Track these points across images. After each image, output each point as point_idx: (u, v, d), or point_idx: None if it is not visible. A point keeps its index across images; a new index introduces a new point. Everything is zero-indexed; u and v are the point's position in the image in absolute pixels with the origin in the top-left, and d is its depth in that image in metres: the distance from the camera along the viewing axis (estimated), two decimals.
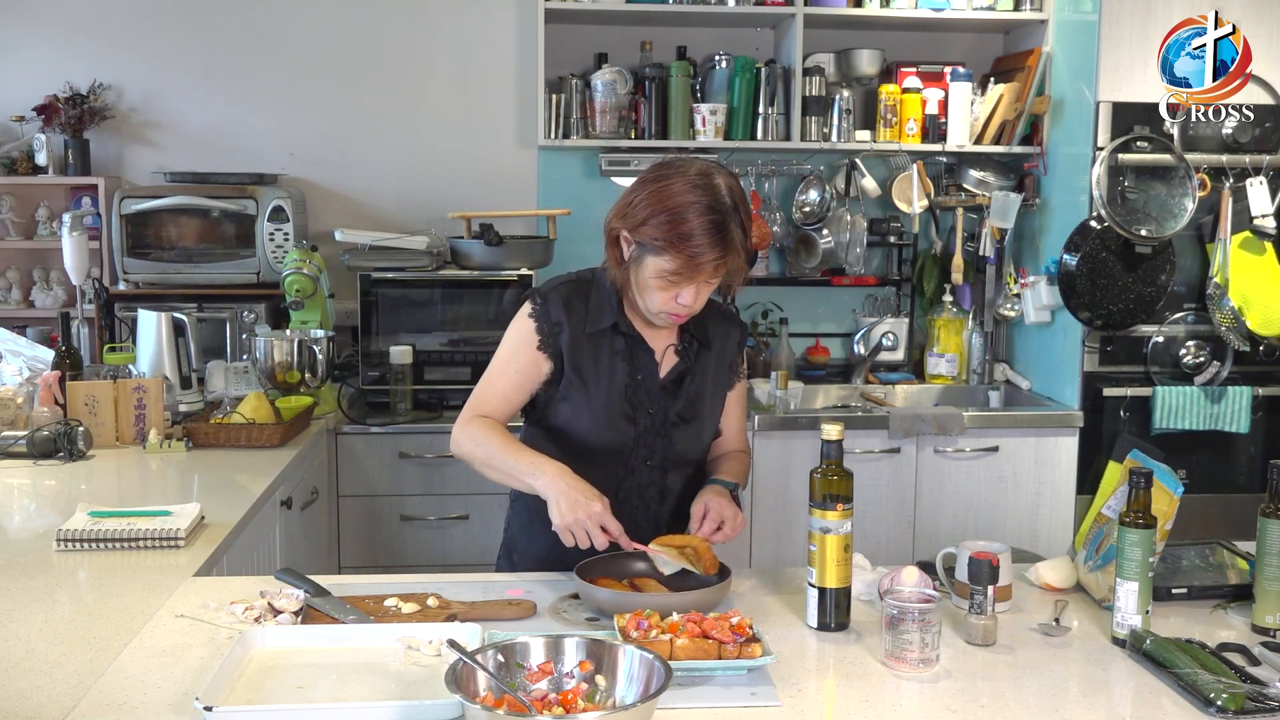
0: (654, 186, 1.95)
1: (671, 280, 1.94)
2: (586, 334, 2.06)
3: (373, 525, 3.51)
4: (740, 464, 2.21)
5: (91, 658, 1.65)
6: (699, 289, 1.97)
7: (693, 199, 1.91)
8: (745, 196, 1.99)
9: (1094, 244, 3.57)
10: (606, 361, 2.07)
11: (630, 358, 2.08)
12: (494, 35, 4.08)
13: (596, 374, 2.07)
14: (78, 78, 3.92)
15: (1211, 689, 1.52)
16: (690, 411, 2.12)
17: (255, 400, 3.09)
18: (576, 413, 2.08)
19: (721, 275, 1.98)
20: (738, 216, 1.93)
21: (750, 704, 1.53)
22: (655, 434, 2.09)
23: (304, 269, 3.45)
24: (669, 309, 1.99)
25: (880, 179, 4.01)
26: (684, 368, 2.12)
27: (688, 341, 2.13)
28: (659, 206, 1.92)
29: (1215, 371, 3.65)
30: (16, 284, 4.00)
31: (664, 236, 1.91)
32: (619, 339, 2.08)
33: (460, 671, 1.39)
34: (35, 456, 2.81)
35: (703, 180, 1.93)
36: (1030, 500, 3.66)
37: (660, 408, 2.09)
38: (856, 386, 4.03)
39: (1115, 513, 1.85)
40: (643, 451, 2.09)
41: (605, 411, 2.06)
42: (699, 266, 1.92)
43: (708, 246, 1.90)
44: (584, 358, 2.06)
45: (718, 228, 1.90)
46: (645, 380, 2.09)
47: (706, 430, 2.16)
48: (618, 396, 2.07)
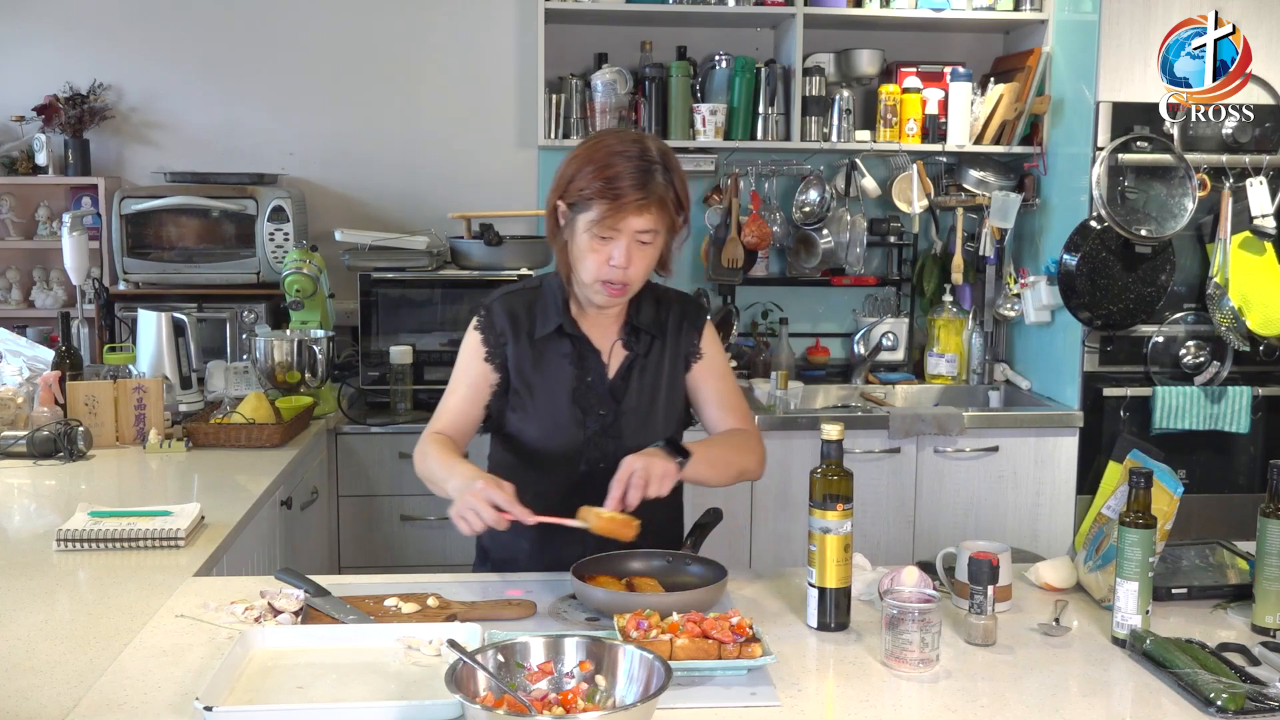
0: (584, 146, 2.02)
1: (600, 233, 1.95)
2: (533, 340, 2.08)
3: (373, 525, 3.51)
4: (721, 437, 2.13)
5: (91, 658, 1.65)
6: (629, 247, 1.96)
7: (621, 148, 1.97)
8: (678, 163, 2.02)
9: (1094, 244, 3.57)
10: (554, 367, 2.08)
11: (578, 360, 2.09)
12: (494, 35, 4.08)
13: (545, 380, 2.08)
14: (78, 78, 3.92)
15: (1211, 689, 1.52)
16: (642, 407, 2.10)
17: (255, 400, 3.09)
18: (527, 420, 2.09)
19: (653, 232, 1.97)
20: (667, 172, 1.97)
21: (750, 704, 1.52)
22: (606, 434, 2.08)
23: (304, 269, 3.45)
24: (603, 275, 1.98)
25: (880, 179, 4.02)
26: (632, 360, 2.11)
27: (632, 333, 2.12)
28: (587, 159, 1.98)
29: (1215, 371, 3.65)
30: (16, 284, 4.00)
31: (590, 185, 1.95)
32: (565, 342, 2.09)
33: (460, 671, 1.39)
34: (35, 456, 2.81)
35: (633, 136, 2.01)
36: (1030, 500, 3.66)
37: (610, 408, 2.09)
38: (856, 386, 4.03)
39: (1115, 513, 1.85)
40: (595, 454, 2.08)
41: (555, 416, 2.08)
42: (623, 206, 1.93)
43: (631, 187, 1.93)
44: (531, 365, 2.08)
45: (642, 172, 1.94)
46: (594, 382, 2.09)
47: (662, 424, 2.13)
48: (567, 400, 2.08)
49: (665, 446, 1.95)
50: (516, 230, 3.94)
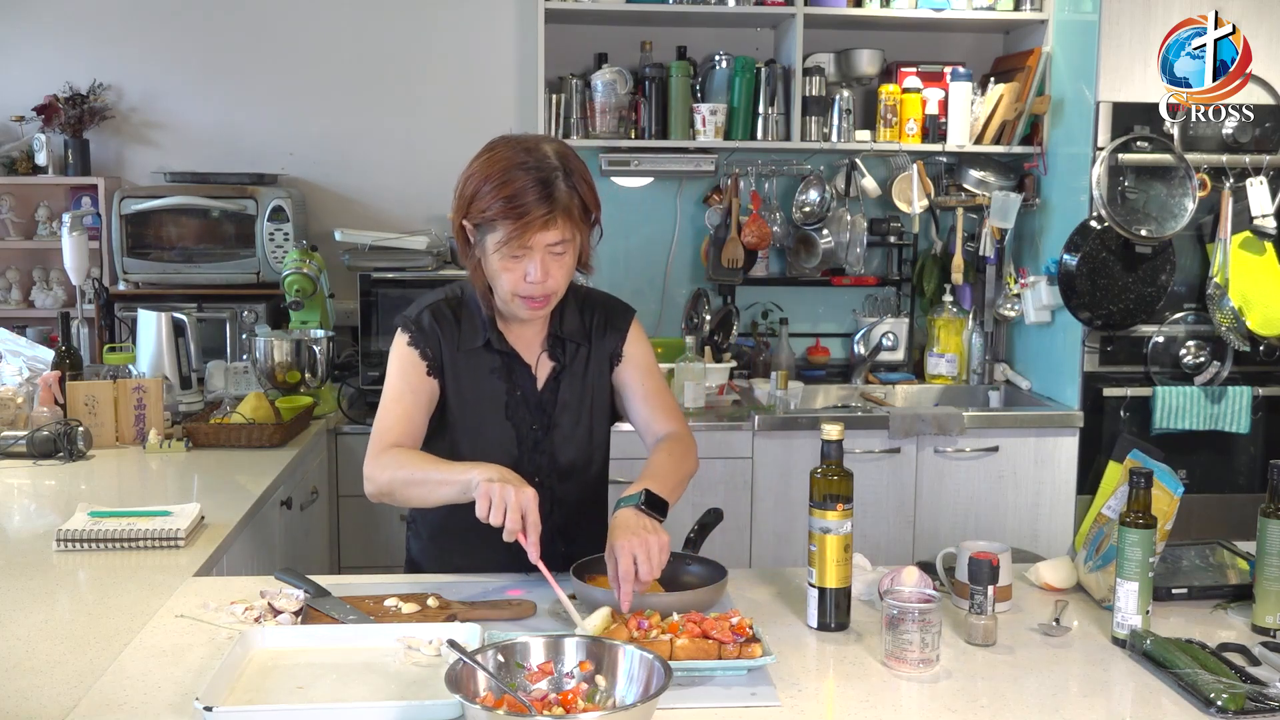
0: (480, 160, 1.93)
1: (511, 253, 1.90)
2: (462, 353, 2.03)
3: (373, 525, 3.51)
4: (663, 453, 2.01)
5: (91, 658, 1.65)
6: (543, 261, 1.90)
7: (518, 160, 1.88)
8: (582, 164, 1.93)
9: (1094, 244, 3.57)
10: (485, 380, 2.04)
11: (506, 374, 2.05)
12: (494, 35, 4.08)
13: (476, 394, 2.04)
14: (78, 78, 3.92)
15: (1211, 689, 1.52)
16: (571, 417, 2.07)
17: (255, 400, 3.09)
18: (460, 434, 2.05)
19: (564, 243, 1.90)
20: (569, 177, 1.89)
21: (750, 704, 1.52)
22: (538, 450, 2.06)
23: (304, 269, 3.45)
24: (520, 291, 1.93)
25: (880, 179, 4.01)
26: (559, 370, 2.07)
27: (556, 343, 2.07)
28: (484, 177, 1.89)
29: (1215, 371, 3.65)
30: (16, 284, 4.00)
31: (492, 205, 1.87)
32: (494, 356, 2.04)
33: (460, 671, 1.39)
34: (35, 456, 2.81)
35: (529, 144, 1.91)
36: (1030, 500, 3.66)
37: (541, 421, 2.06)
38: (856, 386, 4.03)
39: (1115, 513, 1.85)
40: (528, 466, 2.04)
41: (486, 431, 2.04)
42: (528, 224, 1.86)
43: (534, 203, 1.85)
44: (462, 379, 2.04)
45: (544, 184, 1.86)
46: (525, 395, 2.05)
47: (595, 431, 2.10)
48: (497, 414, 2.04)
49: (643, 506, 1.84)
50: None
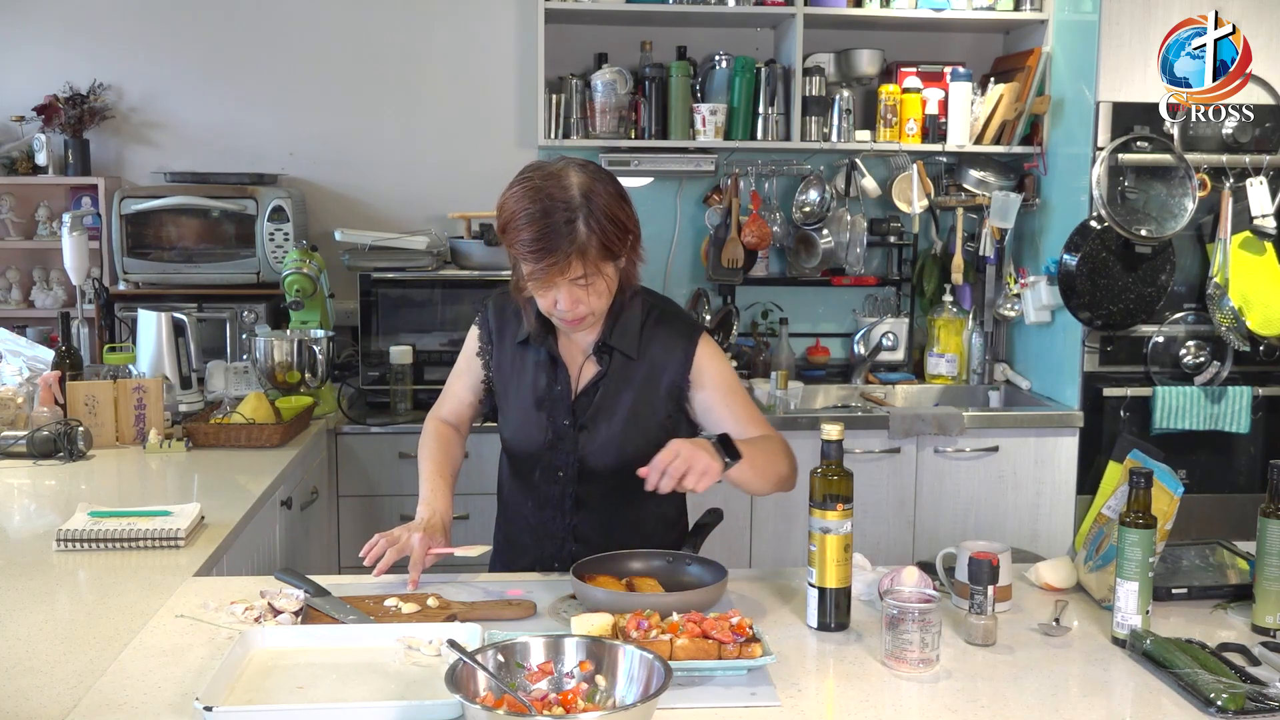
0: (509, 192, 1.93)
1: (538, 286, 1.93)
2: (514, 344, 2.12)
3: (373, 525, 3.49)
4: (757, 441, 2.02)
5: (91, 658, 1.65)
6: (570, 292, 1.91)
7: (527, 207, 1.87)
8: (610, 195, 1.90)
9: (1094, 244, 3.57)
10: (530, 370, 2.12)
11: (549, 368, 2.10)
12: (494, 35, 4.08)
13: (518, 382, 2.13)
14: (78, 78, 3.92)
15: (1211, 689, 1.52)
16: (596, 420, 2.08)
17: (255, 400, 3.09)
18: (504, 420, 2.17)
19: (588, 274, 1.89)
20: (590, 216, 1.86)
21: (750, 704, 1.52)
22: (565, 445, 2.10)
23: (304, 269, 3.45)
24: (552, 313, 1.98)
25: (880, 179, 4.01)
26: (600, 376, 2.08)
27: (603, 349, 2.08)
28: (510, 212, 1.91)
29: (1215, 371, 3.65)
30: (16, 284, 4.00)
31: (514, 243, 1.90)
32: (542, 350, 2.10)
33: (460, 671, 1.39)
34: (35, 456, 2.81)
35: (555, 179, 1.88)
36: (1030, 500, 3.66)
37: (572, 418, 2.09)
38: (856, 386, 4.03)
39: (1115, 513, 1.85)
40: (557, 461, 2.11)
41: (522, 419, 2.12)
42: (547, 268, 1.87)
43: (546, 251, 1.85)
44: (510, 366, 2.14)
45: (551, 233, 1.84)
46: (562, 391, 2.09)
47: (625, 442, 2.06)
48: (532, 405, 2.11)
49: (716, 443, 1.86)
50: None
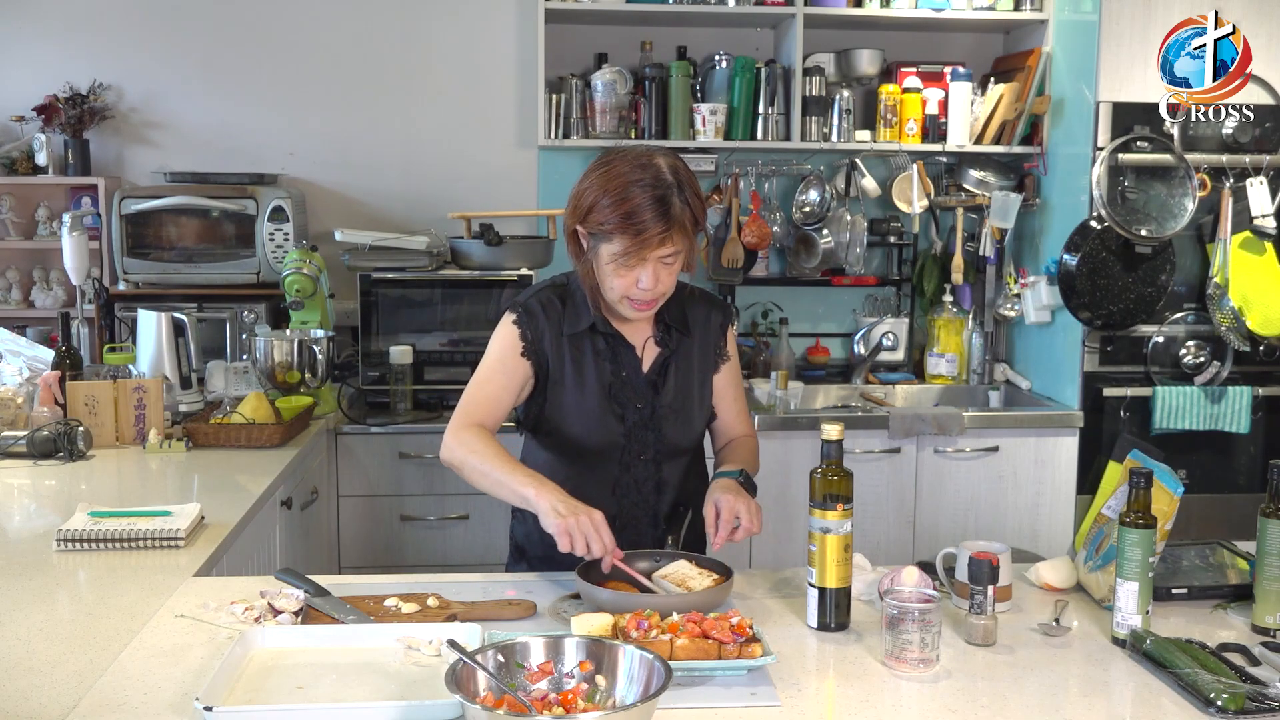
0: (597, 174, 2.00)
1: (625, 264, 1.97)
2: (567, 337, 2.10)
3: (373, 525, 3.51)
4: (745, 449, 2.22)
5: (91, 658, 1.65)
6: (655, 270, 1.98)
7: (635, 177, 1.95)
8: (691, 175, 2.02)
9: (1094, 244, 3.57)
10: (590, 362, 2.11)
11: (613, 356, 2.12)
12: (494, 35, 4.08)
13: (581, 376, 2.10)
14: (78, 78, 3.92)
15: (1211, 689, 1.52)
16: (678, 401, 2.14)
17: (255, 400, 3.09)
18: (567, 416, 2.11)
19: (676, 253, 1.99)
20: (682, 192, 1.96)
21: (750, 704, 1.53)
22: (645, 428, 2.12)
23: (304, 269, 3.45)
24: (631, 295, 2.01)
25: (880, 179, 4.01)
26: (666, 356, 2.14)
27: (665, 330, 2.15)
28: (603, 191, 1.97)
29: (1215, 371, 3.65)
30: (16, 284, 4.00)
31: (610, 219, 1.95)
32: (599, 339, 2.11)
33: (460, 671, 1.39)
34: (35, 456, 2.81)
35: (644, 160, 1.98)
36: (1030, 500, 3.66)
37: (647, 401, 2.12)
38: (856, 386, 4.03)
39: (1115, 513, 1.85)
40: (635, 446, 2.12)
41: (593, 411, 2.10)
42: (645, 241, 1.94)
43: (652, 220, 1.93)
44: (567, 361, 2.11)
45: (660, 202, 1.94)
46: (630, 376, 2.12)
47: (696, 418, 2.18)
48: (604, 395, 2.10)
49: (742, 481, 2.04)
50: (516, 230, 3.94)
